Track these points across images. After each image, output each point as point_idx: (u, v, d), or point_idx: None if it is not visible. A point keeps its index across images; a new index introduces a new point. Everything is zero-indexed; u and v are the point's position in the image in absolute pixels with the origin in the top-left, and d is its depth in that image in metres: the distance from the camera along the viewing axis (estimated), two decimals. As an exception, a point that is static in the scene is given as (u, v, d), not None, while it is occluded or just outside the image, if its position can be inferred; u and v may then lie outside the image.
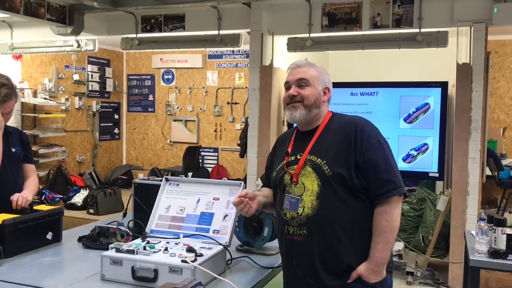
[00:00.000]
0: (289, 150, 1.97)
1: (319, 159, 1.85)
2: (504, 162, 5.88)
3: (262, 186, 2.19)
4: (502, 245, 2.54)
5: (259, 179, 3.09)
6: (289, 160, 1.94)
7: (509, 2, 4.06)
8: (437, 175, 4.70)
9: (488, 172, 5.32)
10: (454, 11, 4.33)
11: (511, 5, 4.07)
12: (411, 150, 4.74)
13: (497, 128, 6.53)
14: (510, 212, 5.79)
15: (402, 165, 4.71)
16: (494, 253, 2.53)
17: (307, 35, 4.84)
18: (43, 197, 6.24)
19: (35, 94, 7.19)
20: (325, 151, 1.86)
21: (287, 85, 1.97)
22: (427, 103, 4.69)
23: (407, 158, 4.75)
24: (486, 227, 2.60)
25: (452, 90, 4.74)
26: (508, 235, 2.55)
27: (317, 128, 1.94)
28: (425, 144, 4.68)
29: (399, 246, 4.57)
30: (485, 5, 4.20)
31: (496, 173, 5.63)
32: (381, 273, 1.81)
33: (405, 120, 4.75)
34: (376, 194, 1.80)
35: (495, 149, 5.95)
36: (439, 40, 4.41)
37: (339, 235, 1.80)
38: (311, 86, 1.93)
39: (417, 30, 4.45)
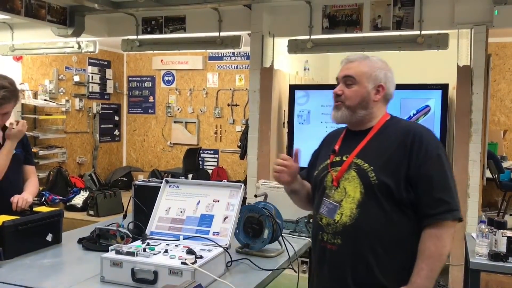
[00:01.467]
0: (336, 148, 1.80)
1: (366, 164, 1.68)
2: (505, 164, 5.88)
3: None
4: (502, 247, 2.54)
5: (259, 181, 3.09)
6: (334, 160, 1.78)
7: (510, 4, 4.06)
8: (437, 177, 4.69)
9: (488, 174, 5.31)
10: (454, 14, 4.33)
11: (511, 7, 4.07)
12: (412, 152, 4.72)
13: (497, 130, 6.53)
14: (510, 215, 5.78)
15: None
16: (494, 255, 2.53)
17: (307, 37, 4.84)
18: (43, 198, 6.23)
19: (35, 96, 7.19)
20: (374, 157, 1.68)
21: (337, 82, 1.81)
22: (427, 105, 4.69)
23: (408, 160, 4.74)
24: (487, 229, 2.60)
25: (452, 92, 4.73)
26: (508, 237, 2.55)
27: (370, 129, 1.76)
28: (426, 146, 4.67)
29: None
30: (486, 8, 4.20)
31: (496, 175, 5.63)
32: None
33: (405, 122, 4.74)
34: (426, 214, 1.62)
35: (496, 151, 5.95)
36: (440, 42, 4.41)
37: (376, 250, 1.64)
38: (358, 84, 1.74)
39: (418, 32, 4.45)
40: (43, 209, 2.51)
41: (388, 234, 1.65)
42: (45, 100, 7.23)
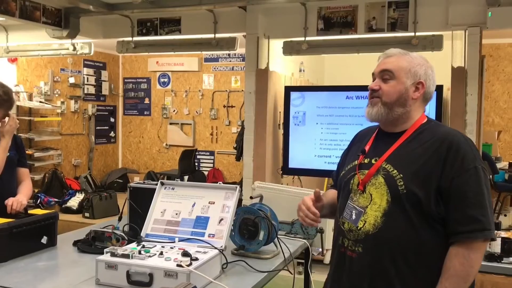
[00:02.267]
0: (366, 149, 1.69)
1: (395, 171, 1.56)
2: (499, 165, 5.91)
3: (331, 187, 1.96)
4: (497, 248, 2.56)
5: (255, 182, 3.09)
6: (363, 161, 1.67)
7: (503, 6, 4.09)
8: (432, 178, 4.70)
9: (483, 175, 5.33)
10: (449, 15, 4.36)
11: (505, 9, 4.10)
12: (407, 153, 4.74)
13: (492, 131, 6.56)
14: (505, 215, 5.81)
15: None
16: (489, 256, 2.54)
17: (302, 38, 4.85)
18: (39, 200, 6.21)
19: (30, 98, 7.16)
20: (405, 163, 1.56)
21: (373, 77, 1.69)
22: (422, 107, 4.70)
23: (403, 161, 4.76)
24: (481, 230, 2.61)
25: (447, 93, 4.76)
26: (503, 238, 2.57)
27: (404, 132, 1.63)
28: (421, 147, 4.69)
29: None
30: (480, 9, 4.23)
31: (491, 176, 5.65)
32: None
33: (400, 123, 4.76)
34: (456, 231, 1.50)
35: (490, 152, 5.97)
36: (434, 43, 4.43)
37: (398, 263, 1.53)
38: (396, 79, 1.61)
39: (412, 34, 4.47)
40: (38, 211, 2.50)
41: (413, 248, 1.53)
42: (40, 102, 7.20)
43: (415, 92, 1.63)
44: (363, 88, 5.45)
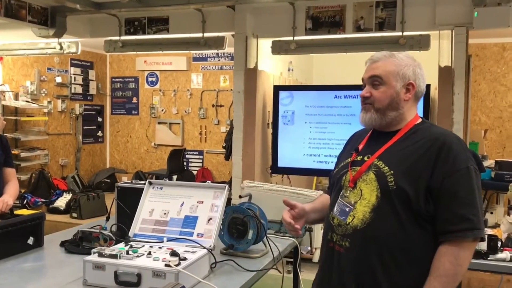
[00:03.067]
0: (360, 147, 1.71)
1: (386, 168, 1.57)
2: (486, 163, 5.96)
3: (326, 191, 1.96)
4: (483, 245, 2.58)
5: (244, 182, 3.09)
6: (356, 159, 1.68)
7: (489, 6, 4.13)
8: (420, 176, 4.74)
9: (470, 173, 5.38)
10: (436, 15, 4.40)
11: (491, 9, 4.15)
12: (395, 152, 4.77)
13: (478, 130, 6.63)
14: (491, 213, 5.87)
15: (385, 167, 4.75)
16: (475, 253, 2.56)
17: (291, 38, 4.86)
18: (25, 201, 6.15)
19: (16, 97, 7.08)
20: (397, 161, 1.57)
21: (363, 83, 1.70)
22: (410, 106, 4.73)
23: (391, 160, 4.79)
24: (468, 228, 2.64)
25: (434, 92, 4.80)
26: (489, 235, 2.59)
27: (397, 132, 1.65)
28: (408, 146, 4.72)
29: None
30: (466, 9, 4.27)
31: (477, 174, 5.71)
32: None
33: (388, 122, 4.79)
34: (446, 230, 1.50)
35: (477, 150, 6.03)
36: (421, 43, 4.47)
37: (385, 260, 1.54)
38: (385, 84, 1.62)
39: (400, 34, 4.50)
40: (25, 212, 2.48)
41: (400, 245, 1.53)
42: (27, 101, 7.12)
43: (406, 93, 1.64)
44: (351, 87, 5.52)
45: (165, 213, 2.24)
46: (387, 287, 1.55)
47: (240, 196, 2.83)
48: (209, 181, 2.45)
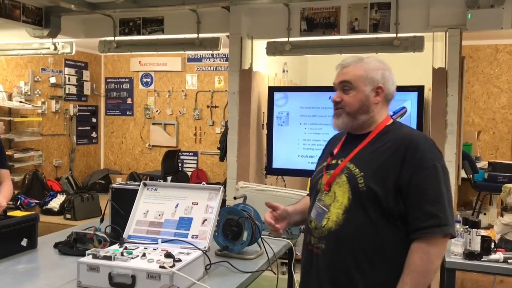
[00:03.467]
0: (335, 151, 1.76)
1: (357, 170, 1.61)
2: (479, 164, 6.00)
3: (308, 194, 1.99)
4: (476, 246, 2.59)
5: (239, 183, 3.08)
6: (330, 163, 1.73)
7: (483, 8, 4.15)
8: (414, 177, 4.76)
9: (463, 174, 5.42)
10: (429, 17, 4.42)
11: (484, 11, 4.17)
12: (389, 153, 4.78)
13: (472, 131, 6.67)
14: (485, 214, 5.90)
15: (380, 168, 4.76)
16: (469, 254, 2.58)
17: (286, 39, 4.87)
18: (19, 202, 6.12)
19: (10, 98, 7.05)
20: (367, 162, 1.61)
21: (334, 88, 1.74)
22: (404, 107, 4.76)
23: (385, 161, 4.80)
24: (462, 229, 2.65)
25: (428, 94, 4.82)
26: (482, 236, 2.60)
27: (369, 134, 1.69)
28: (403, 147, 4.74)
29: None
30: (460, 11, 4.29)
31: (471, 175, 5.74)
32: None
33: (382, 123, 4.80)
34: (415, 227, 1.54)
35: (470, 152, 6.07)
36: (415, 45, 4.49)
37: (359, 259, 1.58)
38: (355, 89, 1.67)
39: (394, 35, 4.52)
40: (18, 213, 2.47)
41: (373, 244, 1.58)
42: (21, 102, 7.09)
43: (376, 97, 1.68)
44: (346, 88, 5.44)
45: (159, 215, 2.23)
46: (361, 284, 1.58)
47: (235, 198, 2.83)
48: (204, 183, 2.45)
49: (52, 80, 7.78)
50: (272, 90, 5.18)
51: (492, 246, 2.60)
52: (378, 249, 1.58)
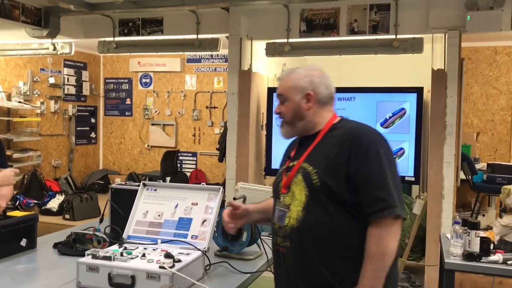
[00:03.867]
0: (292, 154, 1.85)
1: (310, 167, 1.70)
2: (478, 166, 6.01)
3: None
4: (476, 247, 2.60)
5: (238, 183, 3.08)
6: (289, 165, 1.82)
7: (482, 10, 4.16)
8: (413, 179, 4.78)
9: (462, 176, 5.42)
10: (429, 18, 4.42)
11: (483, 13, 4.18)
12: (388, 154, 4.79)
13: (470, 132, 6.68)
14: (483, 215, 5.91)
15: (379, 169, 4.77)
16: (468, 255, 2.58)
17: (285, 40, 4.87)
18: (18, 202, 6.11)
19: (9, 98, 7.04)
20: (318, 159, 1.70)
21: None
22: (403, 108, 4.77)
23: (384, 162, 4.80)
24: (461, 230, 2.66)
25: (427, 95, 4.83)
26: (481, 238, 2.61)
27: (318, 134, 1.78)
28: (401, 148, 4.75)
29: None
30: (459, 13, 4.30)
31: (470, 177, 5.75)
32: None
33: (381, 125, 4.82)
34: (366, 213, 1.62)
35: (469, 153, 6.08)
36: (415, 46, 4.49)
37: (323, 251, 1.65)
38: (288, 100, 1.80)
39: (393, 37, 4.52)
40: (17, 213, 2.46)
41: (334, 235, 1.65)
42: (19, 102, 7.08)
43: (307, 103, 1.78)
44: (345, 90, 5.53)
45: (159, 215, 2.23)
46: (331, 278, 1.64)
47: (234, 198, 2.83)
48: (203, 183, 2.45)
49: (51, 80, 7.78)
50: (271, 91, 5.18)
51: (491, 248, 2.60)
52: (338, 240, 1.65)
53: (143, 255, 1.91)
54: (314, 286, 1.68)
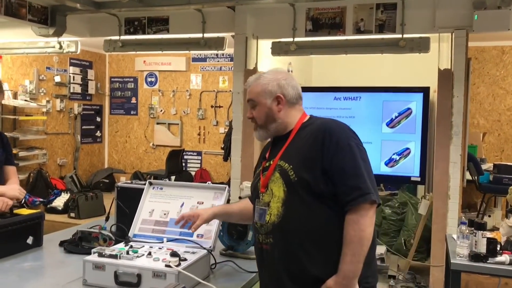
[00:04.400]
0: (267, 155, 1.92)
1: (286, 164, 1.77)
2: (484, 166, 5.98)
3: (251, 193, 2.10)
4: (482, 248, 2.58)
5: (243, 183, 3.08)
6: (265, 166, 1.88)
7: (489, 9, 4.14)
8: (418, 179, 4.76)
9: (468, 176, 5.40)
10: (436, 18, 4.40)
11: (491, 12, 4.15)
12: (393, 154, 4.79)
13: (477, 133, 6.64)
14: (489, 216, 5.88)
15: (384, 170, 4.75)
16: (474, 256, 2.57)
17: (291, 39, 4.86)
18: (23, 200, 6.12)
19: (15, 96, 7.07)
20: (293, 156, 1.78)
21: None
22: (409, 108, 4.75)
23: (389, 162, 4.80)
24: (467, 230, 2.64)
25: (433, 95, 4.80)
26: (488, 238, 2.59)
27: (290, 133, 1.86)
28: (407, 148, 4.74)
29: (381, 249, 4.60)
30: (466, 12, 4.27)
31: (476, 177, 5.72)
32: None
33: (387, 124, 4.80)
34: (344, 202, 1.69)
35: (475, 153, 6.05)
36: (421, 45, 4.47)
37: (304, 244, 1.72)
38: (258, 104, 1.86)
39: (400, 36, 4.50)
40: (23, 211, 2.47)
41: (313, 227, 1.72)
42: (25, 100, 7.11)
43: (278, 105, 1.85)
44: (351, 89, 5.51)
45: (165, 214, 2.23)
46: (313, 268, 1.72)
47: (239, 197, 2.82)
48: (209, 182, 2.45)
49: (57, 79, 7.80)
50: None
51: (498, 248, 2.59)
52: (318, 231, 1.72)
53: (149, 253, 1.91)
54: (297, 278, 1.74)
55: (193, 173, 8.24)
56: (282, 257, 1.75)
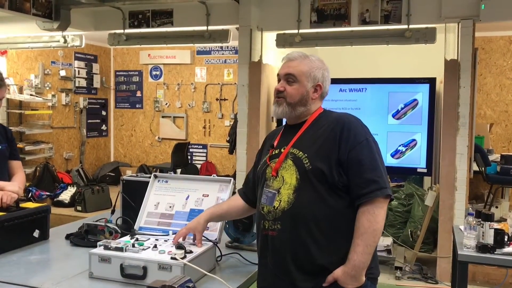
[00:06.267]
0: (275, 143, 1.91)
1: (301, 152, 1.78)
2: (491, 157, 5.94)
3: (243, 184, 2.10)
4: (489, 239, 2.57)
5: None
6: (273, 153, 1.88)
7: (496, -2, 4.09)
8: (425, 170, 4.74)
9: (475, 167, 5.36)
10: (442, 8, 4.36)
11: (498, 1, 4.11)
12: (400, 146, 4.76)
13: (484, 124, 6.59)
14: (496, 207, 5.85)
15: (390, 161, 4.73)
16: (482, 247, 2.55)
17: (296, 31, 4.84)
18: (30, 194, 6.17)
19: (21, 91, 7.09)
20: (308, 145, 1.79)
21: (278, 78, 1.91)
22: (415, 99, 4.72)
23: (396, 154, 4.78)
24: (474, 222, 2.62)
25: (440, 86, 4.77)
26: (495, 229, 2.58)
27: (305, 122, 1.87)
28: (414, 140, 4.71)
29: (387, 241, 4.60)
30: (473, 2, 4.23)
31: (483, 168, 5.69)
32: (359, 279, 1.70)
33: (393, 116, 4.78)
34: (359, 194, 1.71)
35: (482, 144, 6.01)
36: (427, 36, 4.44)
37: (313, 232, 1.72)
38: (298, 82, 1.84)
39: (406, 27, 4.46)
40: (30, 204, 2.48)
41: (324, 216, 1.73)
42: (31, 95, 7.13)
43: (314, 93, 1.87)
44: (357, 80, 5.47)
45: (170, 206, 2.24)
46: (320, 257, 1.73)
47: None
48: (214, 175, 2.44)
49: (62, 73, 7.82)
50: (281, 82, 5.15)
51: (506, 239, 2.57)
52: (328, 220, 1.73)
53: (155, 246, 1.91)
54: (303, 266, 1.74)
55: (199, 166, 8.25)
56: (290, 243, 1.75)
